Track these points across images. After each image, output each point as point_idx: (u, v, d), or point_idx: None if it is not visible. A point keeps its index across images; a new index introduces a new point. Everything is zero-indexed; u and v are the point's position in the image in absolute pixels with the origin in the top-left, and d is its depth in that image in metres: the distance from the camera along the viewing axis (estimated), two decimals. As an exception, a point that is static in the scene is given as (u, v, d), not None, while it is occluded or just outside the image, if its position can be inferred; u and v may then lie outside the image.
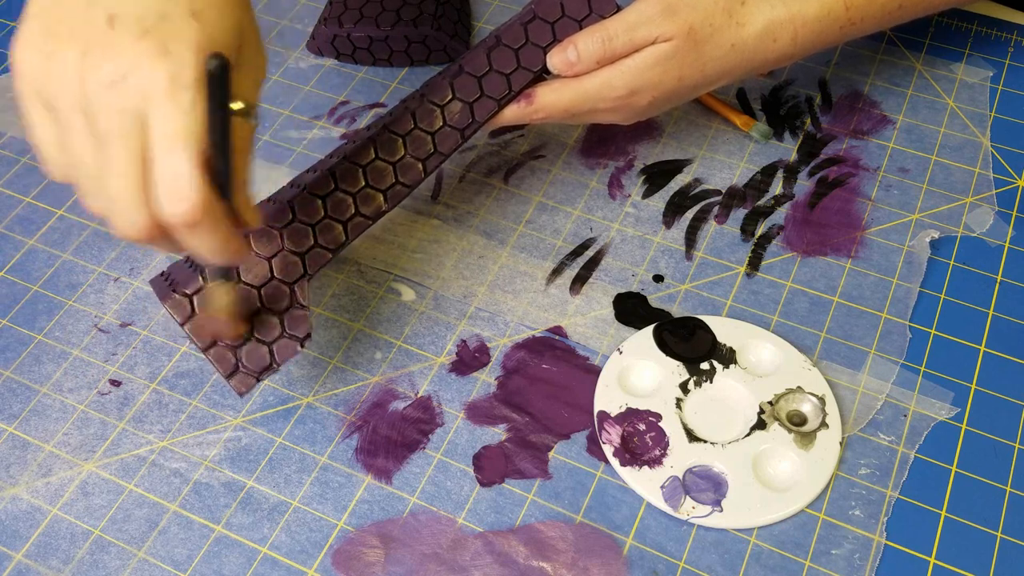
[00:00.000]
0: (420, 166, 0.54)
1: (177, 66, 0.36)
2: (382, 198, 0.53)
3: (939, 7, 0.63)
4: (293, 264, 0.51)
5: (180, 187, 0.37)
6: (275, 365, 0.51)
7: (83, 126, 0.38)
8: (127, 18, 0.37)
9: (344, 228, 0.53)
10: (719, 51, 0.56)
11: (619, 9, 0.57)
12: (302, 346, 0.51)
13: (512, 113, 0.57)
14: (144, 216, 0.38)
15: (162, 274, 0.54)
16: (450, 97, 0.55)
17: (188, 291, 0.50)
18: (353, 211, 0.53)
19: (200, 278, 0.50)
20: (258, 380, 0.51)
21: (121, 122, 0.37)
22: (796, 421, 0.54)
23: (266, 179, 0.67)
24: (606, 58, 0.56)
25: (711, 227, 0.64)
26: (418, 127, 0.54)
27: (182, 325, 0.50)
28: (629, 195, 0.66)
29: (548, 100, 0.57)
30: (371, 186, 0.53)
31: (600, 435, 0.54)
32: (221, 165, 0.39)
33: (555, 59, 0.56)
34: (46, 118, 0.39)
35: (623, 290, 0.61)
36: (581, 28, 0.57)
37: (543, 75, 0.58)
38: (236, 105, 0.39)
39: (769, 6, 0.57)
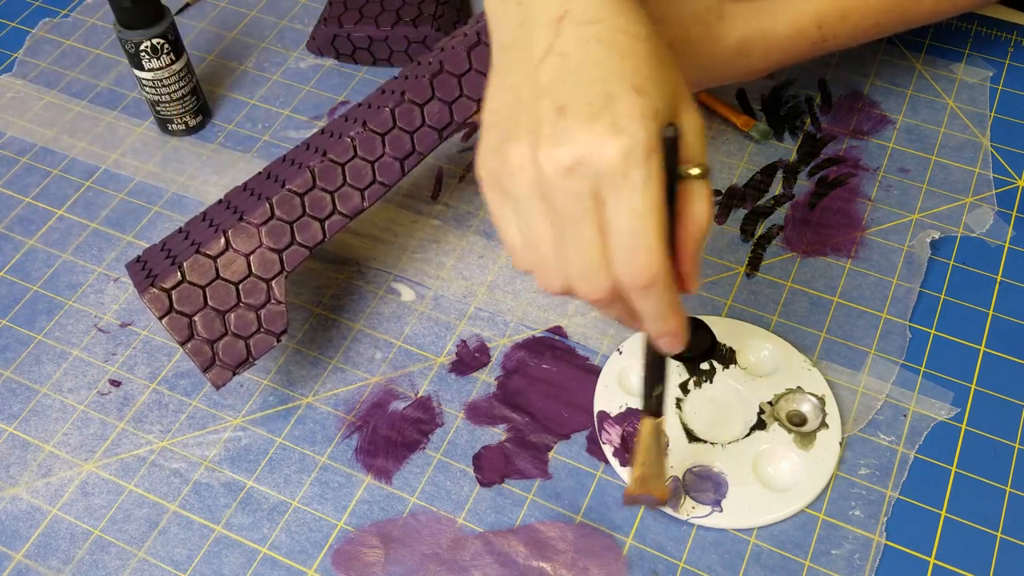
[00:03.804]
0: (399, 165, 0.55)
1: (631, 142, 0.37)
2: (360, 196, 0.54)
3: (916, 23, 0.63)
4: (271, 261, 0.53)
5: (644, 258, 0.38)
6: (251, 359, 0.53)
7: (541, 210, 0.40)
8: (576, 104, 0.38)
9: (322, 226, 0.54)
10: (694, 63, 0.57)
11: None
12: (278, 340, 0.53)
13: None
14: (606, 282, 0.40)
15: (137, 260, 0.55)
16: (430, 96, 0.55)
17: (167, 285, 0.51)
18: (331, 209, 0.54)
19: (179, 273, 0.51)
20: (234, 373, 0.52)
21: (580, 202, 0.38)
22: (796, 421, 0.54)
23: (266, 179, 0.68)
24: None
25: (711, 227, 0.64)
26: (398, 126, 0.55)
27: (160, 319, 0.51)
28: (629, 195, 0.66)
29: None
30: (350, 184, 0.54)
31: (600, 435, 0.54)
32: (670, 229, 0.40)
33: None
34: (508, 209, 0.41)
35: (623, 290, 0.61)
36: None
37: None
38: (694, 170, 0.39)
39: (743, 21, 0.57)
